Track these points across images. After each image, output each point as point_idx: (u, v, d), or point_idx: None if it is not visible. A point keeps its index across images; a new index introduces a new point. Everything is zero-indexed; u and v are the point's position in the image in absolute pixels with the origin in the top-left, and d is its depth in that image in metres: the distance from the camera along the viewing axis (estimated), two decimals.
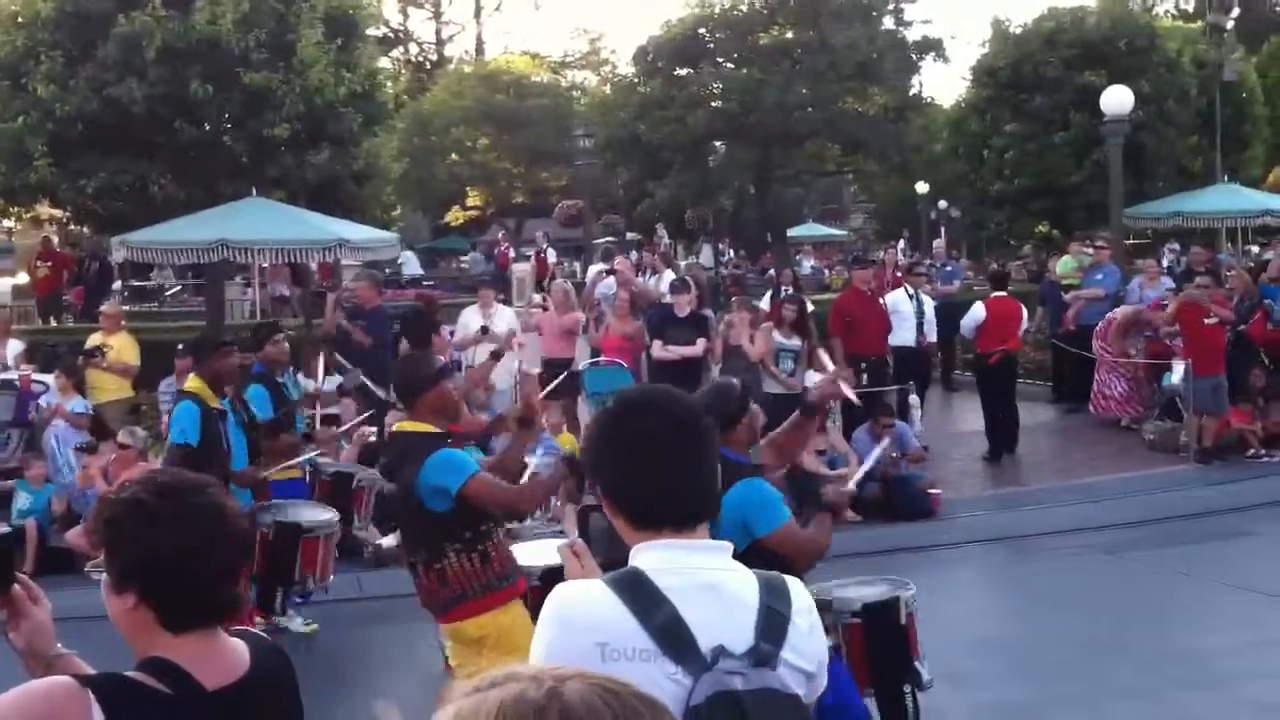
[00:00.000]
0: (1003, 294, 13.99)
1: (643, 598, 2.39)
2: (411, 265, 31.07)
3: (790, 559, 4.68)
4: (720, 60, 29.27)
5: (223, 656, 2.41)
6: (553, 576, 5.30)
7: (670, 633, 2.35)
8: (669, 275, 16.13)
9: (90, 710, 2.21)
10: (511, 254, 31.84)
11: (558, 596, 2.47)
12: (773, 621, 2.42)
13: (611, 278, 15.08)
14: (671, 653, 2.34)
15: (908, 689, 5.29)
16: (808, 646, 2.47)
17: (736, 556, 4.30)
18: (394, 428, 6.04)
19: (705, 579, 2.45)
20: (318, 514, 7.93)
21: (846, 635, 5.32)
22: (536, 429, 6.88)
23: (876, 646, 5.28)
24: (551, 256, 28.13)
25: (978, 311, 13.73)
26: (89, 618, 2.68)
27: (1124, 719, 6.20)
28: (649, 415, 2.55)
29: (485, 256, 34.51)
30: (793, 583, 2.56)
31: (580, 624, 2.39)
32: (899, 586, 5.52)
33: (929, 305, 14.51)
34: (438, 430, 5.47)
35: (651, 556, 2.47)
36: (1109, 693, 6.87)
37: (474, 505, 5.30)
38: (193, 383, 7.74)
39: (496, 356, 8.55)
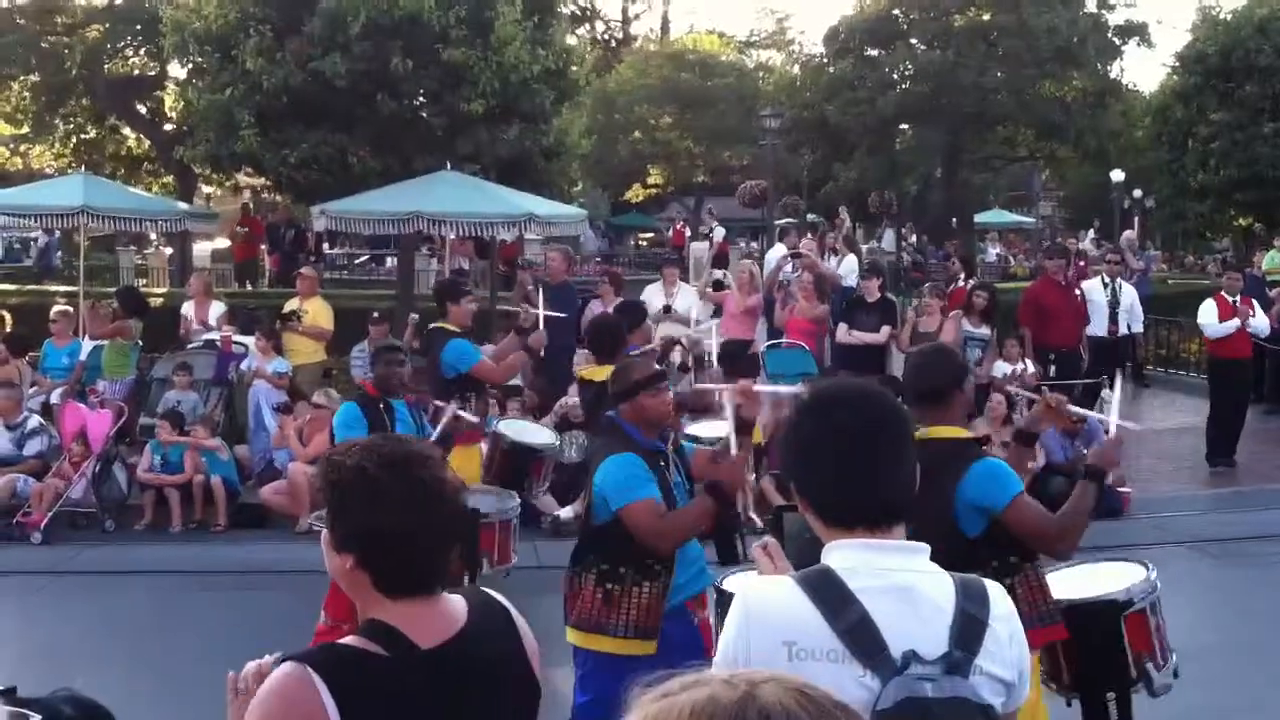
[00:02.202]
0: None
1: (832, 598, 2.34)
2: (590, 242, 31.30)
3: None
4: (914, 42, 28.79)
5: (438, 615, 2.47)
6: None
7: (859, 634, 2.30)
8: (850, 259, 15.94)
9: (318, 690, 2.30)
10: (688, 232, 31.77)
11: (747, 593, 2.45)
12: (968, 627, 2.35)
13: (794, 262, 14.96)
14: (860, 655, 2.29)
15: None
16: (1007, 655, 2.38)
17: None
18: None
19: (898, 580, 2.38)
20: (499, 501, 7.91)
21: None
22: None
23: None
24: (719, 235, 27.76)
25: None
26: (282, 572, 2.73)
27: None
28: (843, 410, 2.50)
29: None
30: (993, 587, 2.47)
31: (769, 622, 2.36)
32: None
33: (1128, 295, 14.03)
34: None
35: (843, 556, 2.42)
36: None
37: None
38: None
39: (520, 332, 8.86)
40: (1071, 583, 4.99)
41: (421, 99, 17.62)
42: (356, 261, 28.07)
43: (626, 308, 10.83)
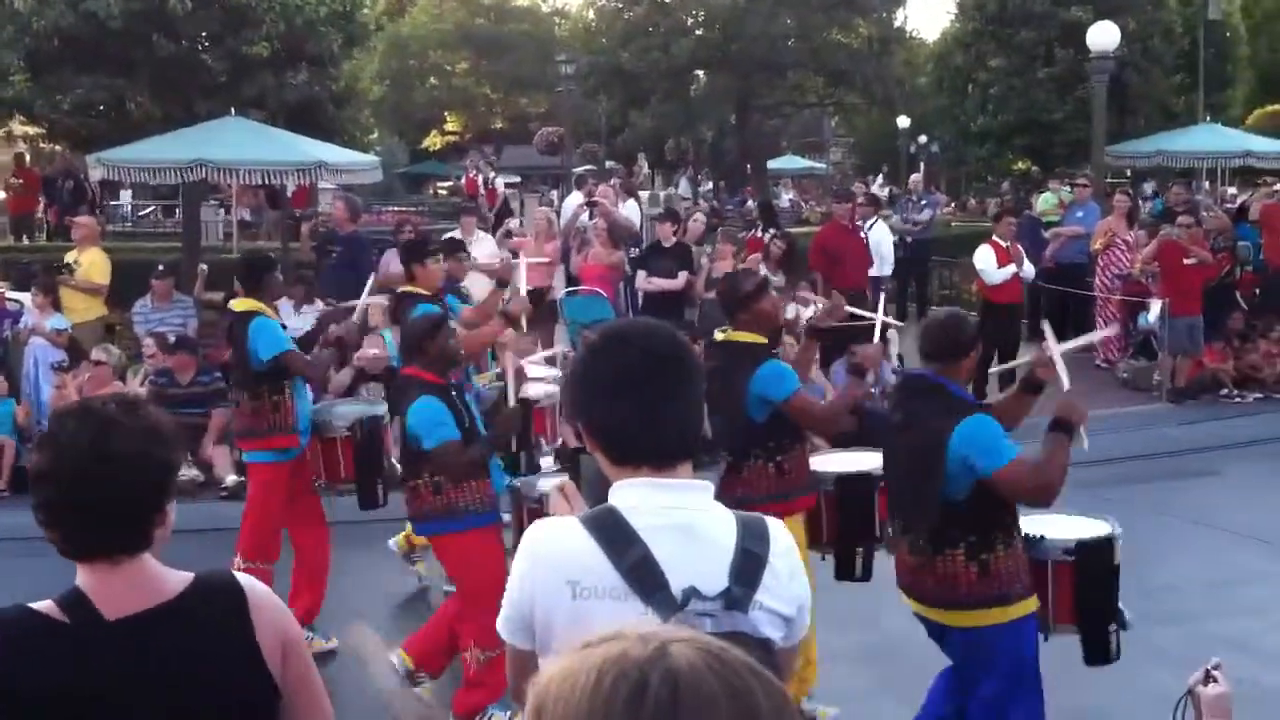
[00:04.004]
0: None
1: (616, 536, 2.35)
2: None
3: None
4: None
5: (134, 585, 2.34)
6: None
7: (641, 572, 2.31)
8: (631, 205, 16.06)
9: None
10: (481, 180, 31.43)
11: (533, 532, 2.45)
12: (748, 563, 2.37)
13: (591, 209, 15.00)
14: (642, 593, 2.30)
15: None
16: (786, 590, 2.41)
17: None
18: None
19: (681, 519, 2.39)
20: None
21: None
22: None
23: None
24: (500, 185, 27.30)
25: None
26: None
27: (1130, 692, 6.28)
28: (628, 349, 2.47)
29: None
30: (774, 524, 2.49)
31: (553, 560, 2.37)
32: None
33: (875, 235, 14.47)
34: None
35: (628, 495, 2.42)
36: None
37: None
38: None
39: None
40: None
41: (203, 41, 17.01)
42: (141, 214, 27.03)
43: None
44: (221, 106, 15.61)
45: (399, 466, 7.07)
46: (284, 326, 9.04)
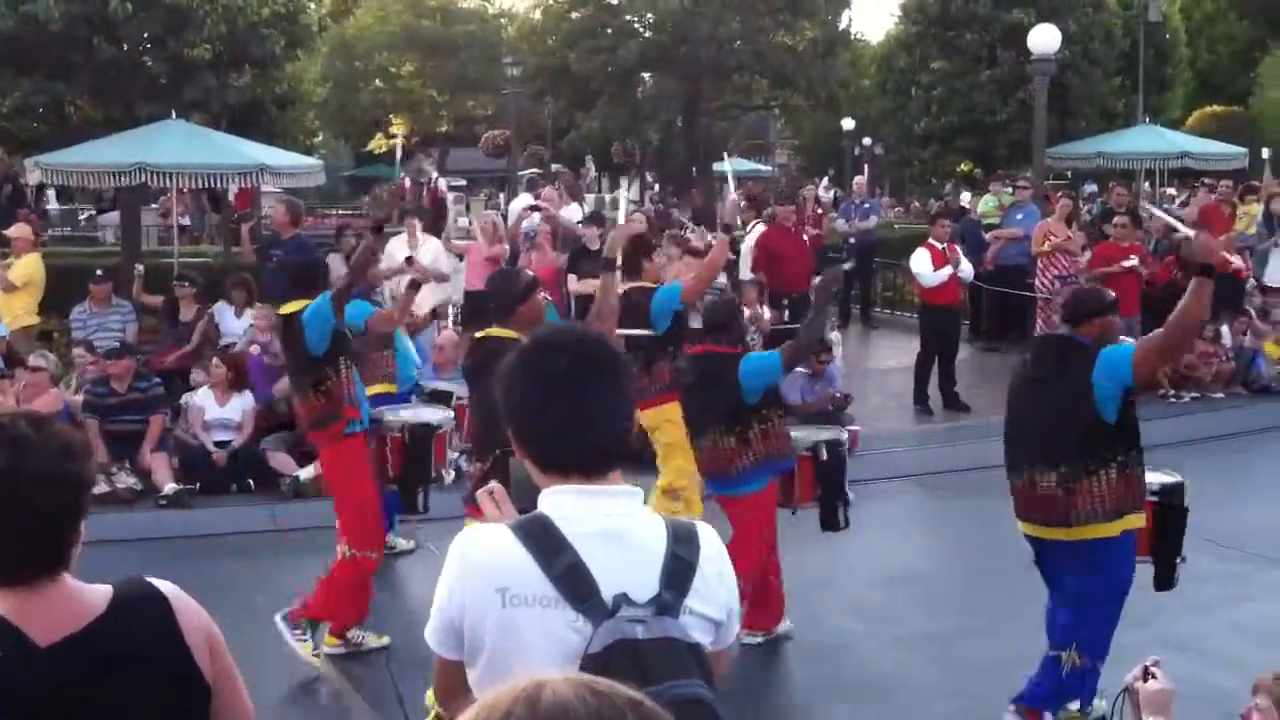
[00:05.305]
0: None
1: (546, 544, 2.34)
2: None
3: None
4: None
5: (59, 608, 2.29)
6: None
7: (572, 579, 2.31)
8: (574, 208, 16.09)
9: None
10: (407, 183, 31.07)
11: (463, 541, 2.44)
12: (678, 569, 2.38)
13: (537, 214, 15.00)
14: (572, 600, 2.30)
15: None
16: (715, 594, 2.42)
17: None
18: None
19: (611, 525, 2.39)
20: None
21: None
22: None
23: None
24: (443, 186, 27.20)
25: None
26: None
27: (1037, 648, 6.34)
28: (557, 356, 2.46)
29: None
30: (703, 529, 2.50)
31: (482, 568, 2.36)
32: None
33: None
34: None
35: (558, 502, 2.41)
36: (1022, 625, 7.02)
37: None
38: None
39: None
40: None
41: (144, 43, 16.84)
42: (81, 218, 26.69)
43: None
44: (162, 109, 15.46)
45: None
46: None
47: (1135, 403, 5.74)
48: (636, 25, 28.54)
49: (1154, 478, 6.13)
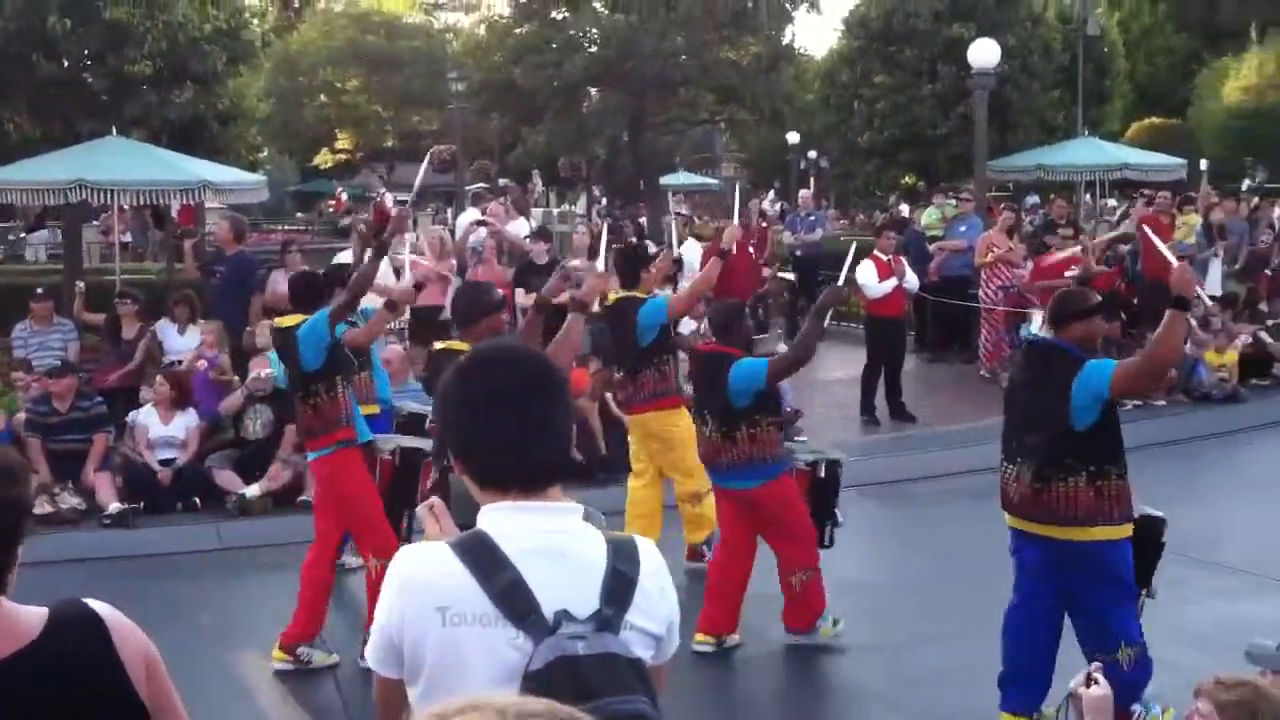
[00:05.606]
0: None
1: (485, 561, 2.32)
2: None
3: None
4: (597, 5, 29.12)
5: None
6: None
7: (512, 597, 2.29)
8: (520, 223, 16.08)
9: None
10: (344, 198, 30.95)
11: (402, 559, 2.42)
12: (618, 584, 2.37)
13: (484, 229, 14.99)
14: (513, 617, 2.28)
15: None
16: (656, 609, 2.42)
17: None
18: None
19: (552, 542, 2.38)
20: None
21: None
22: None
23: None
24: (389, 202, 27.21)
25: None
26: None
27: (980, 659, 6.41)
28: (499, 373, 2.45)
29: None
30: (644, 544, 2.50)
31: (422, 587, 2.34)
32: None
33: None
34: None
35: (497, 519, 2.40)
36: (971, 632, 7.09)
37: None
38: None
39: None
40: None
41: (84, 60, 16.69)
42: (10, 236, 26.41)
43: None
44: (103, 126, 15.34)
45: None
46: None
47: (1117, 418, 5.84)
48: (582, 41, 28.57)
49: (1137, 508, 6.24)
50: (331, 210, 35.80)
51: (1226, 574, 8.71)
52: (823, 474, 7.69)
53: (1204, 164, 22.79)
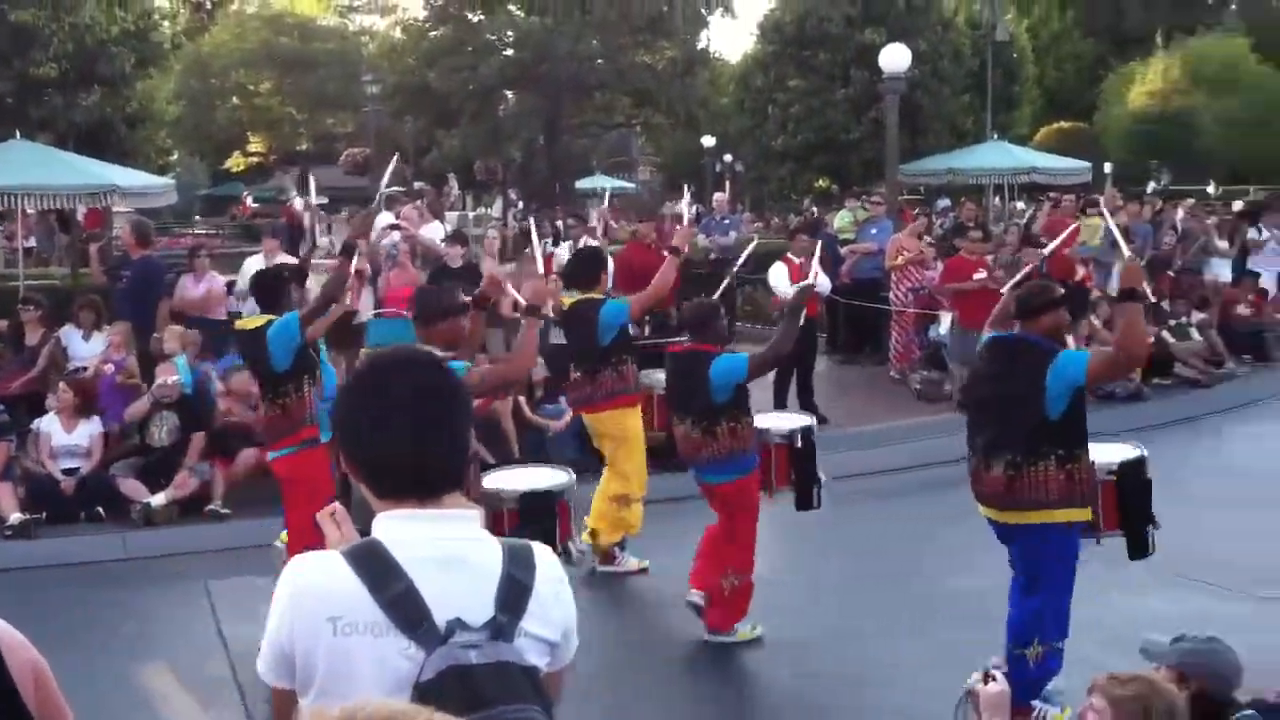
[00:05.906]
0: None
1: (377, 570, 2.30)
2: None
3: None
4: (512, 8, 29.08)
5: None
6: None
7: (403, 606, 2.28)
8: (435, 226, 16.02)
9: None
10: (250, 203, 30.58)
11: (293, 568, 2.40)
12: (513, 591, 2.35)
13: (397, 233, 14.88)
14: (404, 627, 2.26)
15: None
16: (551, 614, 2.41)
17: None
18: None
19: (447, 551, 2.36)
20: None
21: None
22: None
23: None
24: (298, 205, 26.92)
25: None
26: None
27: (895, 656, 6.49)
28: (394, 380, 2.44)
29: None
30: (539, 550, 2.49)
31: (312, 597, 2.32)
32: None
33: None
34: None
35: (392, 527, 2.38)
36: (880, 631, 7.19)
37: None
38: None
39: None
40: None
41: None
42: None
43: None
44: (7, 129, 15.06)
45: None
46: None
47: (1084, 405, 6.04)
48: (497, 43, 28.53)
49: (1115, 453, 6.67)
50: (239, 215, 35.39)
51: (1136, 569, 8.88)
52: (799, 444, 7.98)
53: (1108, 167, 23.27)
